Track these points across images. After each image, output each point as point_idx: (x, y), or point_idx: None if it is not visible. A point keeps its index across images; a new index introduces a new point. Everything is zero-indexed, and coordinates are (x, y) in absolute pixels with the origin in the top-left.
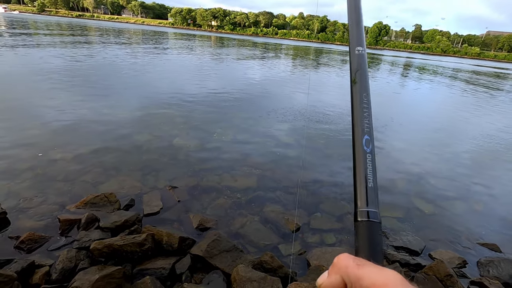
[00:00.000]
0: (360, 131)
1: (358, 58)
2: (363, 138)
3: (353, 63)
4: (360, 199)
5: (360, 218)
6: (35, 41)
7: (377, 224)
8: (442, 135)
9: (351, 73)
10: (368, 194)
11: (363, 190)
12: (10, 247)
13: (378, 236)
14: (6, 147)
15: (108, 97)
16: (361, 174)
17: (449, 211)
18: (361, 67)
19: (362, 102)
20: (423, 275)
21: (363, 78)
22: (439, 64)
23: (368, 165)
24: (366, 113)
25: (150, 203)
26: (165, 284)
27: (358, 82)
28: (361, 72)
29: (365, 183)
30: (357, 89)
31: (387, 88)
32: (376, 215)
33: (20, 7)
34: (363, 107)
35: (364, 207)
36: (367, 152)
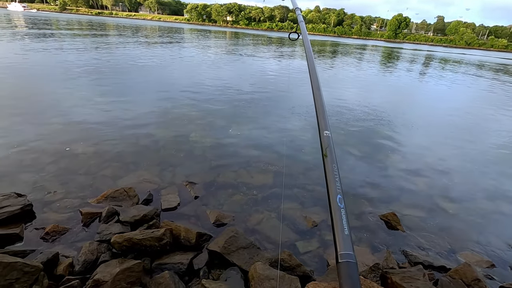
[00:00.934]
0: (334, 191)
1: (326, 139)
2: (337, 197)
3: (324, 142)
4: (340, 244)
5: (340, 260)
6: (59, 40)
7: (354, 264)
8: (467, 132)
9: (322, 150)
10: (344, 240)
11: (341, 237)
12: (36, 238)
13: (356, 273)
14: (32, 141)
15: (126, 93)
16: (338, 225)
17: (475, 211)
18: (329, 145)
19: (333, 170)
20: (448, 279)
21: (331, 152)
22: (463, 58)
23: (342, 218)
24: (336, 177)
25: (168, 198)
26: (183, 279)
27: (328, 156)
28: (329, 149)
29: (342, 232)
30: (329, 162)
31: (407, 82)
32: (352, 256)
33: (41, 6)
34: (334, 175)
35: (343, 250)
36: (341, 207)
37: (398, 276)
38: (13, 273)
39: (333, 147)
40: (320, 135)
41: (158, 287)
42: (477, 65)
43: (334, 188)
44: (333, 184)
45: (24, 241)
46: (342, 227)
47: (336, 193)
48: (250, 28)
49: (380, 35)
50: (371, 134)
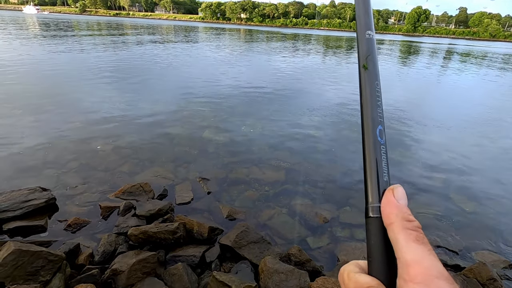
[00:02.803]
0: (373, 121)
1: (368, 42)
2: (377, 129)
3: (362, 48)
4: (372, 194)
5: (372, 215)
6: (80, 41)
7: None
8: (487, 129)
9: (359, 60)
10: (380, 189)
11: (376, 184)
12: (59, 229)
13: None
14: (55, 138)
15: (143, 92)
16: (375, 167)
17: (493, 210)
18: (372, 53)
19: (375, 89)
20: (463, 277)
21: (374, 64)
22: (487, 50)
23: (382, 157)
24: (378, 101)
25: (182, 193)
26: (196, 271)
27: (369, 68)
28: (372, 58)
29: (377, 177)
30: (369, 76)
31: (424, 78)
32: None
33: (62, 8)
34: (375, 95)
35: (376, 202)
36: (381, 143)
37: None
38: (38, 261)
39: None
40: (358, 38)
41: (172, 278)
42: (502, 59)
43: (373, 115)
44: (373, 109)
45: (48, 232)
46: (381, 169)
47: (376, 122)
48: (264, 25)
49: (398, 29)
50: (388, 130)
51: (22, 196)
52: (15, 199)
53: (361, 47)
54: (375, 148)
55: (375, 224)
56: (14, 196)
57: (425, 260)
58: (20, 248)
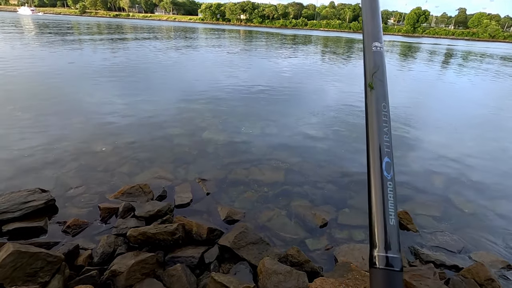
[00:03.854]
0: (379, 151)
1: (376, 56)
2: (383, 161)
3: (369, 62)
4: (378, 240)
5: (378, 265)
6: (80, 42)
7: (399, 274)
8: (488, 129)
9: (365, 75)
10: (387, 235)
11: (382, 229)
12: (58, 231)
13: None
14: (55, 139)
15: (142, 93)
16: (379, 207)
17: (492, 211)
18: (380, 68)
19: (381, 113)
20: (460, 278)
21: (382, 82)
22: (486, 51)
23: (389, 196)
24: (385, 127)
25: (181, 194)
26: (195, 272)
27: (376, 87)
28: (380, 74)
29: (384, 220)
30: (375, 97)
31: (425, 78)
32: (398, 261)
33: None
34: (382, 120)
35: (382, 251)
36: (387, 178)
37: (408, 274)
38: (37, 262)
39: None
40: (364, 50)
41: (171, 279)
42: (501, 59)
43: (379, 145)
44: (379, 137)
45: (48, 233)
46: (387, 211)
47: (382, 153)
48: (264, 26)
49: (397, 29)
50: None
51: (21, 197)
52: (15, 200)
53: (367, 62)
54: (382, 184)
55: (381, 277)
56: (14, 197)
57: None
58: (19, 249)
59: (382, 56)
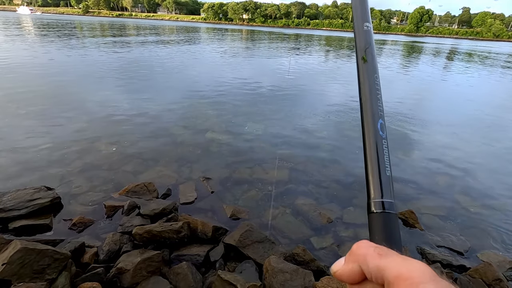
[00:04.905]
0: (374, 114)
1: (366, 34)
2: (378, 122)
3: (360, 40)
4: (374, 189)
5: (375, 210)
6: (84, 42)
7: (394, 216)
8: (493, 128)
9: (357, 52)
10: (383, 184)
11: (377, 179)
12: (64, 228)
13: (396, 227)
14: (60, 138)
15: (146, 92)
16: (376, 161)
17: (498, 211)
18: (370, 45)
19: (374, 82)
20: (468, 278)
21: (373, 56)
22: (491, 50)
23: (384, 151)
24: (378, 95)
25: (186, 193)
26: (200, 270)
27: (368, 60)
28: (371, 50)
29: (379, 172)
30: (368, 69)
31: (428, 77)
32: (393, 206)
33: (66, 9)
34: (375, 88)
35: (378, 197)
36: (382, 137)
37: None
38: (44, 259)
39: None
40: (355, 31)
41: (176, 277)
42: (506, 58)
43: (374, 109)
44: (373, 103)
45: (53, 231)
46: (383, 164)
47: (377, 115)
48: (266, 26)
49: (400, 29)
50: (391, 130)
51: (27, 195)
52: (21, 198)
53: (359, 39)
54: (377, 142)
55: (379, 220)
56: (20, 195)
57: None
58: (26, 246)
59: (372, 35)
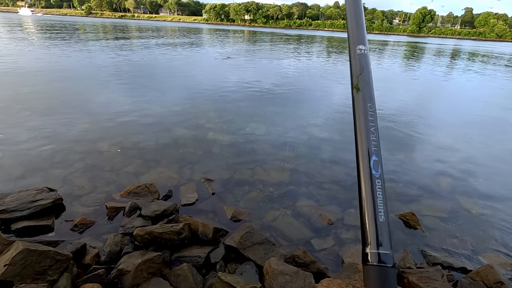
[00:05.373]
0: (367, 150)
1: (360, 58)
2: (371, 160)
3: (355, 65)
4: (369, 237)
5: (371, 261)
6: (87, 43)
7: (391, 270)
8: (495, 129)
9: (352, 77)
10: (378, 232)
11: (373, 226)
12: (66, 229)
13: (392, 284)
14: (62, 139)
15: (148, 93)
16: (369, 205)
17: (501, 212)
18: (364, 70)
19: (367, 113)
20: (469, 280)
21: (367, 83)
22: (494, 50)
23: (377, 193)
24: (372, 127)
25: (187, 194)
26: (201, 271)
27: (361, 88)
28: (365, 76)
29: (374, 217)
30: (361, 98)
31: (430, 78)
32: (389, 257)
33: (69, 11)
34: (368, 120)
35: (374, 248)
36: (376, 177)
37: (415, 276)
38: (46, 260)
39: (370, 74)
40: (350, 54)
41: (177, 278)
42: (510, 59)
43: (366, 144)
44: (366, 137)
45: (55, 232)
46: (377, 208)
47: (370, 152)
48: (268, 26)
49: (402, 29)
50: (392, 131)
51: (29, 196)
52: (23, 199)
53: (353, 65)
54: (370, 183)
55: (375, 275)
56: (22, 196)
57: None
58: (28, 247)
59: (367, 58)
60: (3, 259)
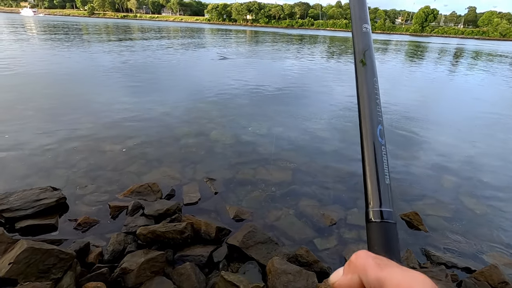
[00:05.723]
0: (373, 120)
1: (365, 36)
2: (377, 129)
3: (359, 42)
4: (373, 197)
5: (374, 219)
6: (89, 44)
7: (393, 225)
8: (499, 129)
9: (356, 55)
10: (382, 192)
11: (376, 187)
12: (69, 228)
13: (395, 237)
14: (65, 139)
15: (151, 94)
16: (375, 169)
17: (505, 212)
18: (369, 47)
19: (373, 87)
20: (473, 280)
21: (372, 60)
22: (498, 49)
23: (383, 158)
24: (377, 99)
25: (189, 193)
26: (204, 270)
27: (367, 63)
28: (369, 53)
29: (378, 180)
30: (367, 72)
31: (433, 77)
32: (391, 215)
33: (72, 11)
34: (374, 92)
35: (377, 206)
36: (381, 144)
37: None
38: (50, 259)
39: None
40: (353, 32)
41: (180, 277)
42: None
43: (373, 114)
44: (372, 108)
45: (59, 230)
46: (382, 171)
47: (376, 121)
48: (270, 26)
49: (405, 29)
50: (396, 130)
51: (33, 195)
52: (27, 198)
53: (358, 42)
54: (376, 149)
55: (377, 229)
56: (26, 195)
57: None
58: (32, 246)
59: (371, 37)
60: (7, 257)
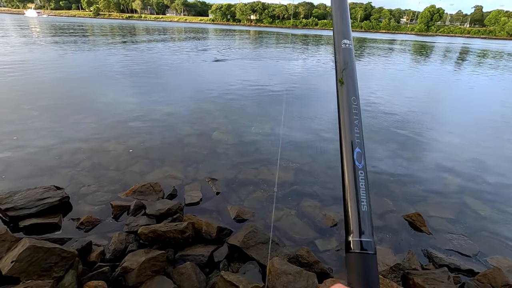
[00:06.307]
0: (350, 142)
1: (345, 53)
2: (354, 152)
3: (339, 59)
4: (352, 226)
5: (353, 249)
6: (95, 44)
7: (372, 256)
8: (504, 130)
9: (336, 72)
10: (361, 220)
11: (355, 215)
12: (72, 227)
13: (374, 270)
14: (69, 139)
15: (153, 93)
16: (352, 195)
17: (509, 214)
18: (349, 65)
19: (351, 107)
20: (476, 283)
21: (351, 77)
22: (505, 49)
23: (360, 184)
24: (356, 120)
25: (191, 193)
26: (204, 270)
27: (345, 82)
28: (349, 71)
29: (357, 207)
30: (345, 91)
31: (439, 78)
32: (371, 245)
33: (77, 12)
34: (352, 113)
35: (356, 236)
36: (359, 168)
37: (421, 278)
38: (52, 257)
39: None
40: (335, 47)
41: (180, 276)
42: None
43: (350, 136)
44: (349, 129)
45: (62, 229)
46: (359, 198)
47: (353, 144)
48: (274, 26)
49: (410, 28)
50: (399, 130)
51: (37, 194)
52: (31, 197)
53: (338, 59)
54: (353, 174)
55: (357, 261)
56: (30, 194)
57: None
58: (35, 244)
59: (351, 53)
60: (10, 255)
